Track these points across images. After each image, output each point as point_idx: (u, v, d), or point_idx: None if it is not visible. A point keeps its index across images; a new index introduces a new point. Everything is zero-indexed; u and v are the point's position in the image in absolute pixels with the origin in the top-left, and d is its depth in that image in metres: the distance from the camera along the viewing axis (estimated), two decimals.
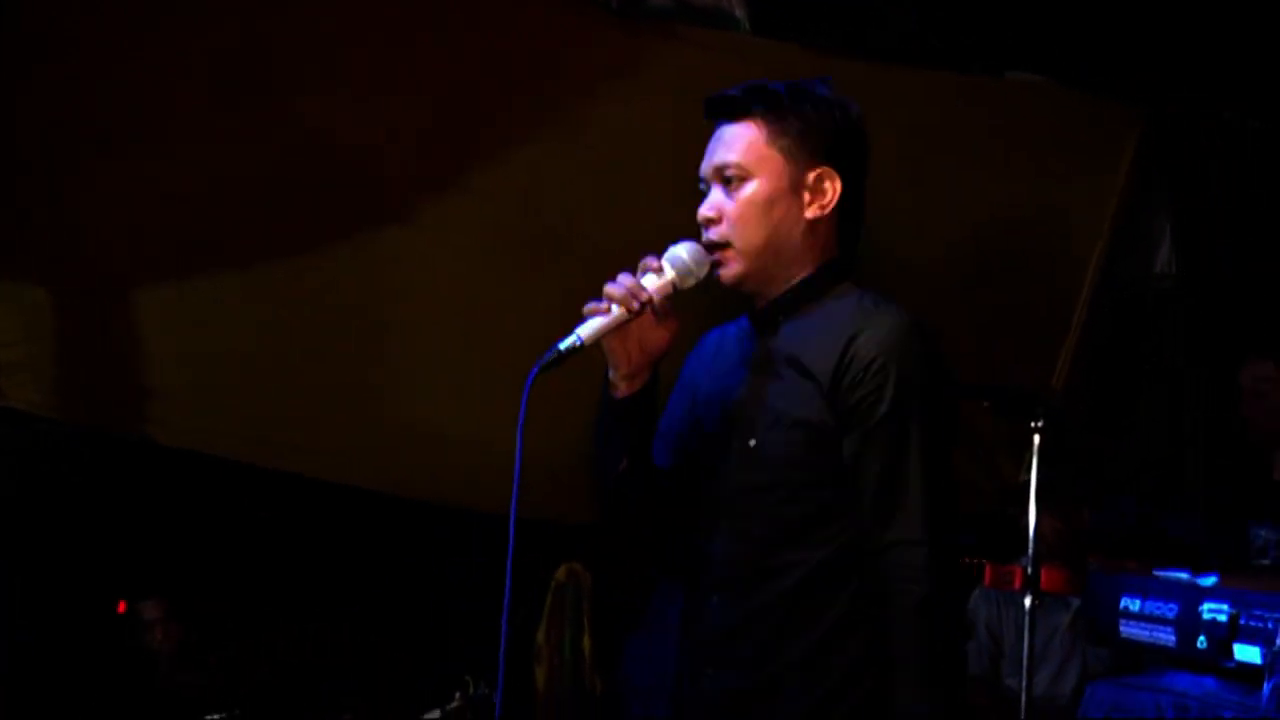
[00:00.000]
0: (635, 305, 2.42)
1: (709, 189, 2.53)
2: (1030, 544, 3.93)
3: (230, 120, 3.97)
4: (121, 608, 4.81)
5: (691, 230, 2.55)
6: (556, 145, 4.29)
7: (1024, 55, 4.92)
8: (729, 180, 2.49)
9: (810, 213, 2.50)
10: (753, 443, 2.46)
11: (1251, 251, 5.04)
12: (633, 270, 2.46)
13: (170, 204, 4.00)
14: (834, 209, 2.51)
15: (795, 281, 2.53)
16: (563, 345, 2.38)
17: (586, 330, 2.41)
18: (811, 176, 2.49)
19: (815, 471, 2.42)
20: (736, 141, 2.50)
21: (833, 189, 2.50)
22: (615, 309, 2.42)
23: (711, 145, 2.53)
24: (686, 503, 2.58)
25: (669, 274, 2.45)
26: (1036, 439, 3.98)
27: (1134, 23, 4.81)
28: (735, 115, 2.52)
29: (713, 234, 2.49)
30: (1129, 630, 3.87)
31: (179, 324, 4.13)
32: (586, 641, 4.77)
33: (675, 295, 2.48)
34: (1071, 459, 4.41)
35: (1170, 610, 3.74)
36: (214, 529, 4.96)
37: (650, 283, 2.45)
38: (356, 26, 4.05)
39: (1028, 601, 3.95)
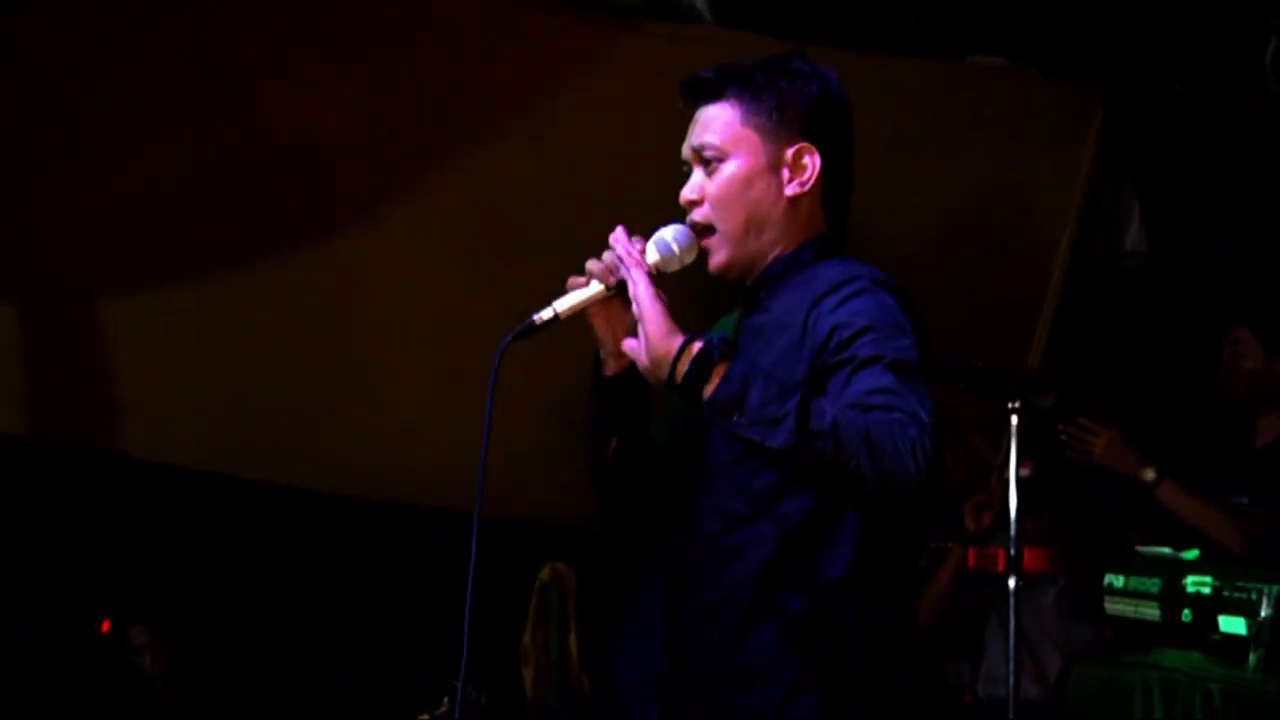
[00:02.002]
0: (612, 281, 2.40)
1: (690, 172, 2.52)
2: (1012, 525, 3.94)
3: (195, 125, 3.96)
4: (105, 626, 4.75)
5: (664, 219, 2.54)
6: (521, 142, 4.28)
7: (985, 39, 4.88)
8: (707, 162, 2.48)
9: (790, 190, 2.48)
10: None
11: (1220, 227, 5.04)
12: (630, 230, 2.46)
13: (134, 211, 3.98)
14: (816, 184, 2.49)
15: (778, 256, 2.51)
16: (537, 317, 2.36)
17: (563, 303, 2.39)
18: (790, 153, 2.47)
19: None
20: (712, 122, 2.48)
21: (812, 164, 2.48)
22: (594, 284, 2.41)
23: (690, 128, 2.52)
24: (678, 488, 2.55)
25: (652, 256, 2.43)
26: (1014, 420, 3.99)
27: (1090, 2, 4.80)
28: (710, 97, 2.50)
29: (696, 216, 2.48)
30: (1114, 607, 3.83)
31: (146, 334, 4.12)
32: (573, 642, 4.74)
33: (659, 277, 2.43)
34: (1049, 444, 4.41)
35: (1154, 585, 3.71)
36: (207, 532, 4.93)
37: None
38: (313, 28, 4.04)
39: (1011, 583, 3.95)
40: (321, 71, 4.09)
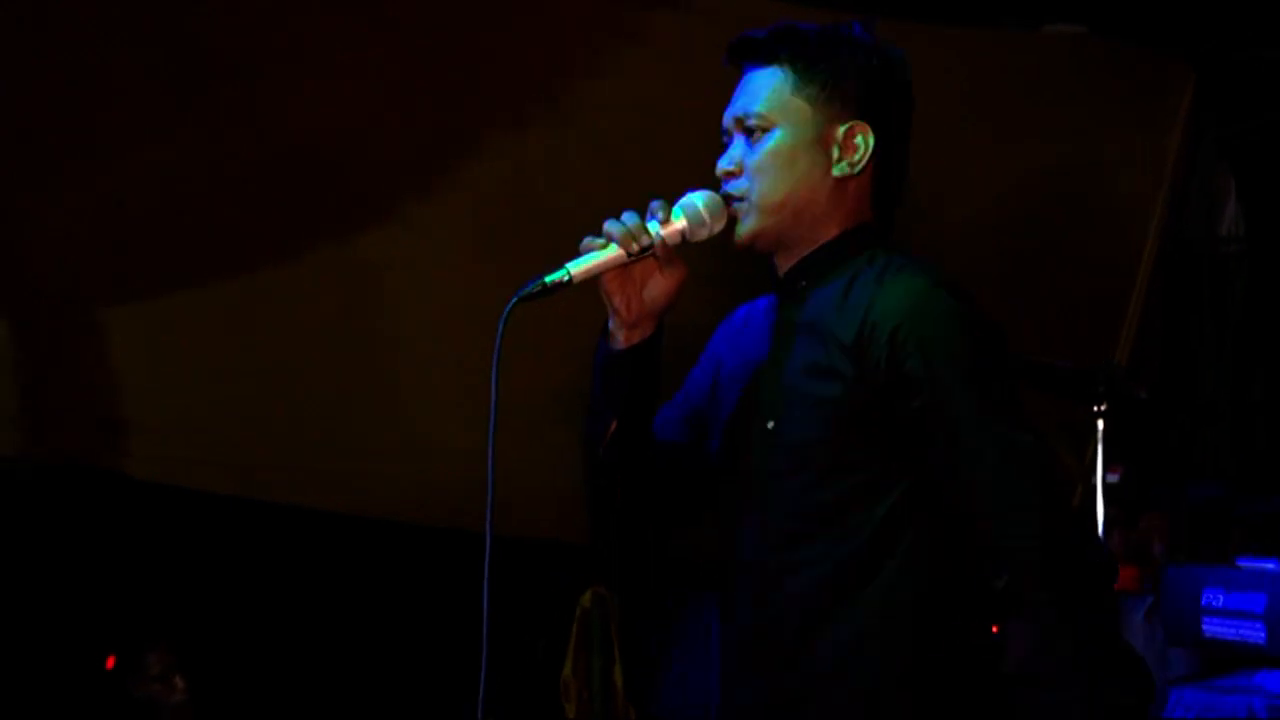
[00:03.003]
0: (634, 248, 2.26)
1: (730, 140, 2.39)
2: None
3: (194, 122, 3.88)
4: (110, 663, 4.62)
5: None
6: (551, 129, 4.19)
7: (1063, 5, 4.74)
8: (750, 131, 2.33)
9: (839, 170, 2.33)
10: (771, 425, 2.31)
11: None
12: (641, 212, 2.33)
13: (134, 217, 3.91)
14: (867, 168, 2.33)
15: (819, 245, 2.38)
16: (548, 278, 2.23)
17: (577, 266, 2.25)
18: (841, 130, 2.32)
19: (842, 454, 2.26)
20: (760, 89, 2.35)
21: (865, 145, 2.33)
22: (613, 247, 2.26)
23: (735, 92, 2.38)
24: (697, 488, 2.44)
25: (679, 222, 2.29)
26: (1100, 424, 3.88)
27: None
28: (760, 59, 2.36)
29: (730, 187, 2.33)
30: (1213, 628, 3.76)
31: (148, 347, 4.05)
32: (617, 672, 4.60)
33: (684, 245, 2.32)
34: (1140, 450, 4.18)
35: (1258, 603, 3.64)
36: (221, 555, 4.83)
37: (656, 226, 2.30)
38: (324, 15, 3.94)
39: None
40: (333, 63, 4.01)
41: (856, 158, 2.32)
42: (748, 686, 2.33)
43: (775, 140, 2.32)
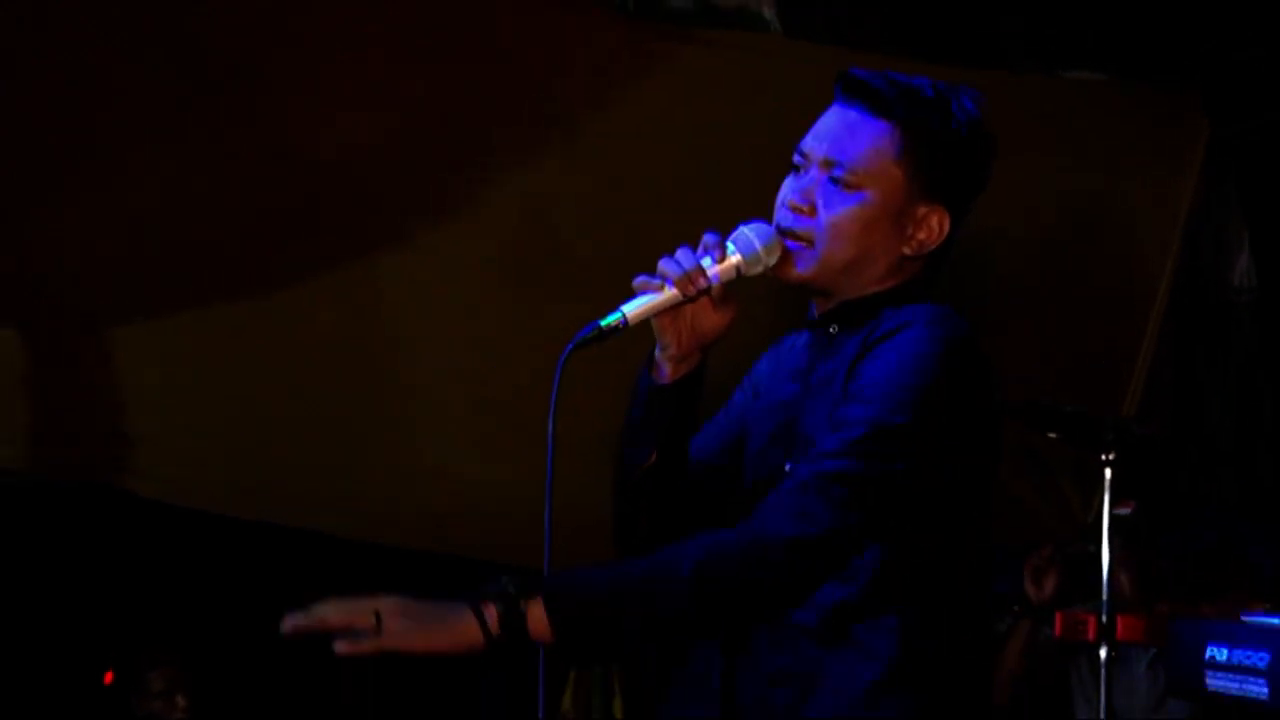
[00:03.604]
0: (692, 291, 2.22)
1: (806, 168, 2.31)
2: (1104, 589, 3.81)
3: (204, 137, 3.81)
4: (109, 678, 4.58)
5: None
6: (567, 158, 4.11)
7: (1080, 52, 4.72)
8: (837, 180, 2.26)
9: (909, 249, 2.28)
10: (788, 466, 2.26)
11: None
12: (692, 246, 2.27)
13: (142, 232, 3.85)
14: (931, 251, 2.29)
15: (861, 295, 2.32)
16: (604, 322, 2.19)
17: (633, 309, 2.22)
18: (923, 210, 2.27)
19: None
20: (862, 139, 2.26)
21: (940, 230, 2.28)
22: (669, 288, 2.22)
23: (833, 124, 2.29)
24: (718, 511, 2.37)
25: (734, 258, 2.24)
26: (1108, 473, 3.83)
27: (1193, 10, 4.63)
28: (873, 108, 2.27)
29: (794, 225, 2.28)
30: (1216, 683, 3.62)
31: (156, 363, 3.99)
32: (617, 705, 4.59)
33: (737, 280, 2.26)
34: (1147, 493, 4.13)
35: (1261, 659, 3.51)
36: (224, 573, 4.86)
37: (712, 265, 2.24)
38: (342, 32, 3.88)
39: (1103, 653, 3.82)
40: (353, 84, 3.94)
41: (930, 240, 2.27)
42: None
43: (860, 202, 2.26)
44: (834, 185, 2.26)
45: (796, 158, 2.30)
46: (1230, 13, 4.58)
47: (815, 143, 2.28)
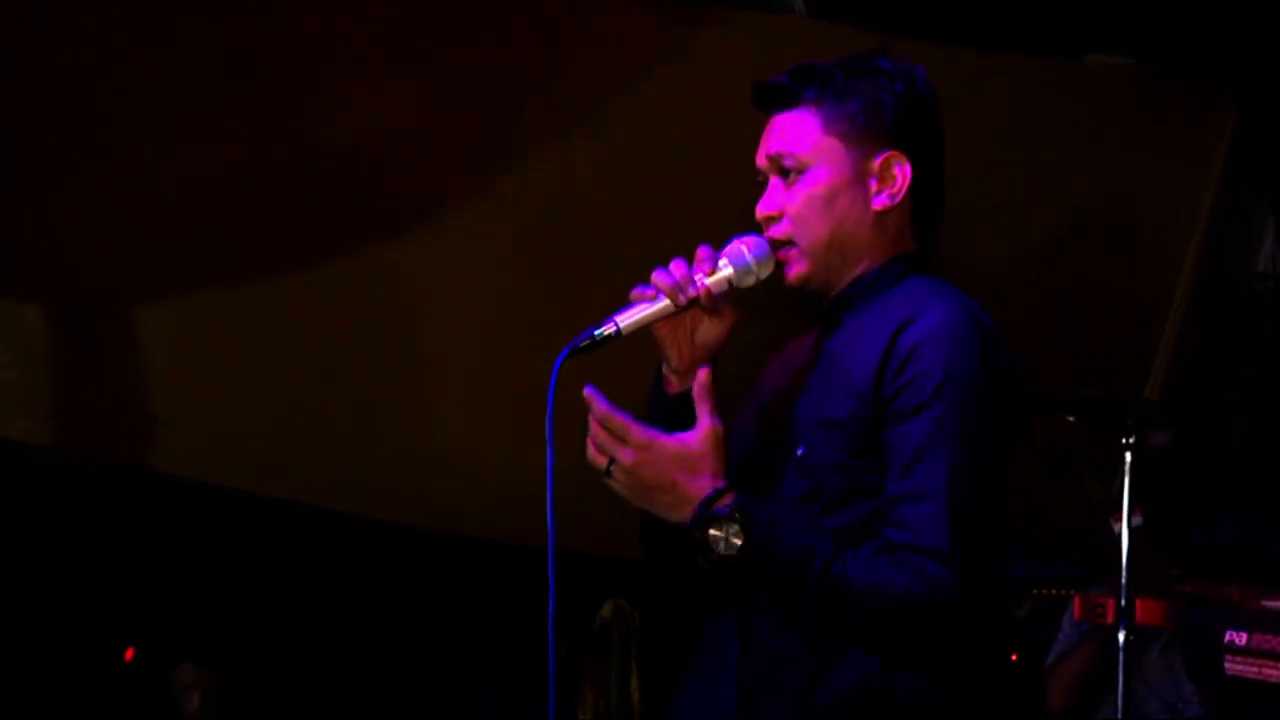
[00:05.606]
0: (682, 300, 2.27)
1: (766, 182, 2.38)
2: (1123, 572, 3.77)
3: (230, 123, 3.81)
4: (129, 655, 4.60)
5: (739, 231, 2.38)
6: (587, 144, 4.10)
7: (1104, 36, 4.70)
8: (786, 172, 2.34)
9: (878, 203, 2.34)
10: (800, 451, 2.31)
11: None
12: (689, 259, 2.31)
13: (167, 216, 3.85)
14: (905, 197, 2.34)
15: (859, 274, 2.37)
16: (597, 331, 2.24)
17: (626, 319, 2.27)
18: (877, 162, 2.33)
19: (858, 477, 2.26)
20: (790, 130, 2.34)
21: (902, 175, 2.33)
22: (661, 299, 2.27)
23: (766, 134, 2.38)
24: None
25: (726, 270, 2.30)
26: (1128, 456, 3.80)
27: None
28: (786, 104, 2.35)
29: (775, 232, 2.35)
30: (1235, 668, 3.68)
31: (180, 344, 4.00)
32: (635, 685, 4.58)
33: (732, 291, 2.32)
34: (1167, 481, 4.13)
35: None
36: (250, 562, 4.83)
37: (703, 277, 2.31)
38: (365, 19, 3.87)
39: (1121, 636, 3.77)
40: (377, 69, 3.94)
41: (895, 187, 2.33)
42: (764, 710, 2.30)
43: (813, 181, 2.31)
44: (786, 179, 2.33)
45: (758, 178, 2.38)
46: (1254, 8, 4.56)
47: (760, 154, 2.37)
